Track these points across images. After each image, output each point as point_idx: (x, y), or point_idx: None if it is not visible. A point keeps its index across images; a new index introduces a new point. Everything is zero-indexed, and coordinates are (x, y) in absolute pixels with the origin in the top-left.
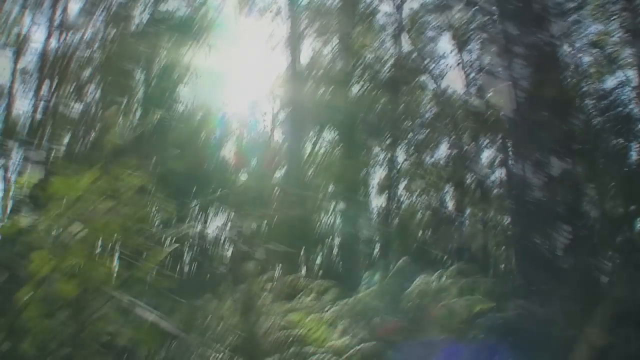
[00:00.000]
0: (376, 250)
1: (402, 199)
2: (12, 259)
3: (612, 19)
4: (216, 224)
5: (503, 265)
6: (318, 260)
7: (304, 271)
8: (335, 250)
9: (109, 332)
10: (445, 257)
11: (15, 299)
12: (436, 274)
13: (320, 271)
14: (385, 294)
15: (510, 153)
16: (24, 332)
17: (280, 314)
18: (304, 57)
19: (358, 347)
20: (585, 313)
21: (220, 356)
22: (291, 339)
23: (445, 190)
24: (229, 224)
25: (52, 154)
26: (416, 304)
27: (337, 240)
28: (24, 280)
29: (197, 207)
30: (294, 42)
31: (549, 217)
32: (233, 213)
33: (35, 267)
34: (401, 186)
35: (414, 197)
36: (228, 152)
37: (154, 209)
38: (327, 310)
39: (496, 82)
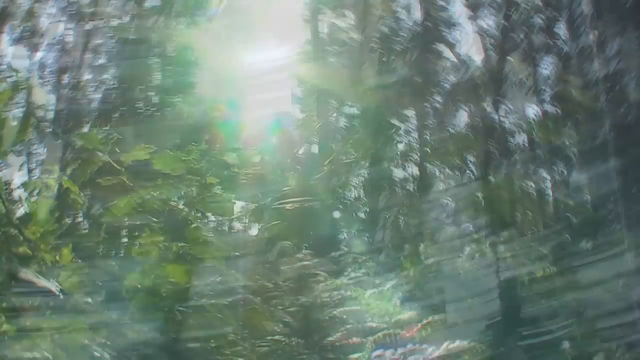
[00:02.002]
0: (411, 223)
1: (432, 170)
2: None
3: None
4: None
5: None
6: (346, 236)
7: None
8: (362, 226)
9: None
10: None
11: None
12: (485, 245)
13: (352, 247)
14: (436, 266)
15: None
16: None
17: (334, 289)
18: (323, 30)
19: (426, 320)
20: None
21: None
22: (349, 314)
23: (475, 158)
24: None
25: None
26: (473, 275)
27: (365, 215)
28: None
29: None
30: (313, 15)
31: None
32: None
33: (143, 250)
34: (429, 157)
35: (443, 167)
36: (242, 132)
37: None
38: (381, 286)
39: None
